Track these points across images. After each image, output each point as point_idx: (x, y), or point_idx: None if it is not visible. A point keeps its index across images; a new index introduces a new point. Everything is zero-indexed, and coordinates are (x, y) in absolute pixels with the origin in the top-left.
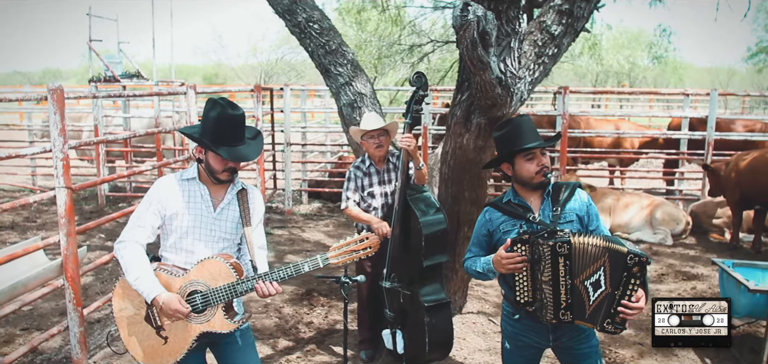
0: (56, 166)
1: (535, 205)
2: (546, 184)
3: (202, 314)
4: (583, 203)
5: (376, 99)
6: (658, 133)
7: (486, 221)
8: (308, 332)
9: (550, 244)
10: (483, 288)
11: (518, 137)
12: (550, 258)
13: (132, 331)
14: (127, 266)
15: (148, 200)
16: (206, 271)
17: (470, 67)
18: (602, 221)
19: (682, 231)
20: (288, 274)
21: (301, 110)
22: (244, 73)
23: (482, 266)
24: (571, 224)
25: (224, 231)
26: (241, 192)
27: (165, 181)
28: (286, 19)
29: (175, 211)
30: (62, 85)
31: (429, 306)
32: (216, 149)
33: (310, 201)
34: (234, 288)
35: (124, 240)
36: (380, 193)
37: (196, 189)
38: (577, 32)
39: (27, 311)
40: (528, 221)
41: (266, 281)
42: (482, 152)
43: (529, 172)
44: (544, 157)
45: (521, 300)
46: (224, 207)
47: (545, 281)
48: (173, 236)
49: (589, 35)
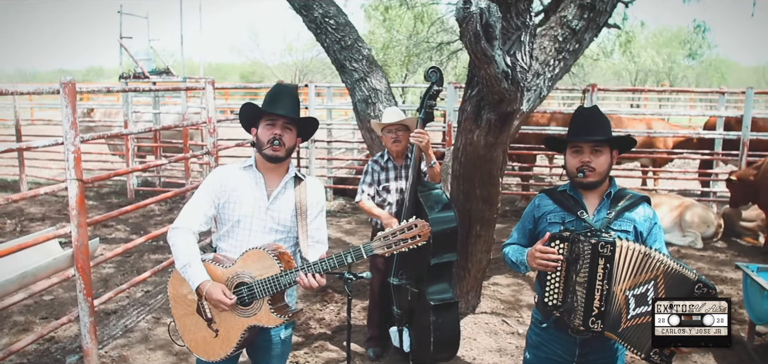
0: (68, 159)
1: (590, 205)
2: (585, 184)
3: (250, 307)
4: (647, 218)
5: (391, 95)
6: (691, 133)
7: (534, 207)
8: (319, 329)
9: (592, 242)
10: (497, 287)
11: (573, 128)
12: (589, 257)
13: (185, 323)
14: (177, 253)
15: (204, 187)
16: (250, 261)
17: (474, 60)
18: (665, 246)
19: (713, 234)
20: (331, 266)
21: (326, 107)
22: (280, 72)
23: (517, 256)
24: (626, 234)
25: (277, 221)
26: (297, 181)
27: (222, 169)
28: (302, 15)
29: (228, 198)
30: (74, 80)
31: (435, 305)
32: (264, 110)
33: (334, 198)
34: (277, 280)
35: (176, 227)
36: (396, 188)
37: (252, 177)
38: (600, 27)
39: (48, 301)
40: (577, 217)
41: (309, 273)
42: (493, 149)
43: (570, 167)
44: (596, 155)
45: (550, 302)
46: (278, 195)
47: (580, 282)
48: (226, 225)
49: (621, 32)
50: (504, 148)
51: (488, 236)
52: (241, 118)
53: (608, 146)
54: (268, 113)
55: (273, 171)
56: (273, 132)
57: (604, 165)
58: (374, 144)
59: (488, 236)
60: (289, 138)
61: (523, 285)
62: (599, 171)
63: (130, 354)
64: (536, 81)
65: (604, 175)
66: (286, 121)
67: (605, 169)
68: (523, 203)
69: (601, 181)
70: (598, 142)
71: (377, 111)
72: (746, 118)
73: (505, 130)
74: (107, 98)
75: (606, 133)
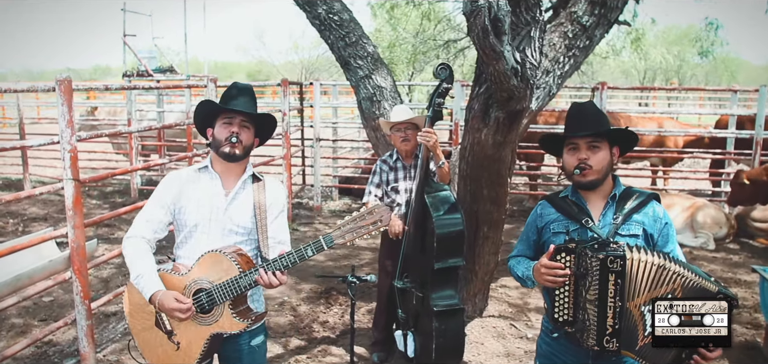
0: (64, 158)
1: (595, 209)
2: (584, 184)
3: (210, 314)
4: (657, 219)
5: (396, 93)
6: (703, 132)
7: (537, 216)
8: (322, 332)
9: (600, 257)
10: (505, 290)
11: (568, 125)
12: (598, 274)
13: (145, 338)
14: (130, 263)
15: (157, 193)
16: (207, 266)
17: (482, 56)
18: (679, 248)
19: (726, 235)
20: (291, 261)
21: (332, 106)
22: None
23: (523, 271)
24: (635, 239)
25: (236, 223)
26: (256, 181)
27: (175, 172)
28: (306, 11)
29: (184, 203)
30: (70, 77)
31: (438, 312)
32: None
33: (340, 197)
34: (237, 282)
35: (129, 235)
36: (405, 189)
37: (208, 178)
38: (611, 23)
39: (47, 303)
40: (582, 225)
41: (269, 271)
42: (501, 148)
43: (568, 166)
44: (594, 151)
45: (560, 318)
46: (236, 195)
47: (590, 299)
48: (184, 231)
49: (632, 29)
50: (512, 148)
51: (496, 237)
52: (196, 119)
53: (607, 142)
54: (225, 111)
55: (230, 171)
56: (230, 129)
57: (603, 162)
58: (379, 143)
59: (496, 237)
60: (247, 136)
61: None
62: (597, 168)
63: (129, 358)
64: (546, 78)
65: (603, 174)
66: (244, 119)
67: (604, 167)
68: (530, 203)
69: (600, 179)
70: (595, 138)
71: (382, 109)
72: (760, 116)
73: (514, 128)
74: (112, 97)
75: (601, 127)
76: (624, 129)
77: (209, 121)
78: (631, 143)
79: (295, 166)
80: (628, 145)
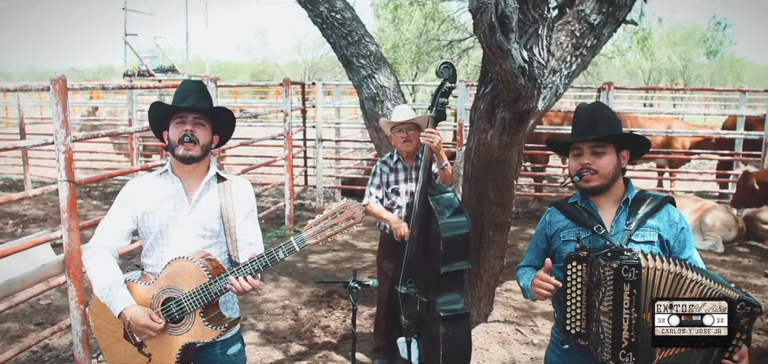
0: (58, 159)
1: (606, 214)
2: (587, 189)
3: (181, 324)
4: (673, 223)
5: (400, 93)
6: (710, 133)
7: (546, 224)
8: (323, 337)
9: (614, 266)
10: (510, 294)
11: (573, 128)
12: (612, 283)
13: (114, 352)
14: (93, 278)
15: (119, 201)
16: (175, 273)
17: (489, 55)
18: (697, 253)
19: (735, 238)
20: (263, 264)
21: (335, 106)
22: (290, 71)
23: (525, 282)
24: (650, 245)
25: (203, 226)
26: (221, 181)
27: (136, 179)
28: (308, 10)
29: (146, 210)
30: (65, 77)
31: (445, 317)
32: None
33: (343, 198)
34: (207, 289)
35: (91, 247)
36: (406, 191)
37: (169, 183)
38: (619, 22)
39: (44, 306)
40: (594, 232)
41: (240, 276)
42: (507, 149)
43: (572, 171)
44: (598, 156)
45: (572, 330)
46: (200, 197)
47: (604, 311)
48: (149, 238)
49: (638, 29)
50: (519, 149)
51: (502, 241)
52: (151, 122)
53: (613, 146)
54: (177, 111)
55: (191, 173)
56: (184, 129)
57: (608, 167)
58: (382, 144)
59: (502, 241)
60: (203, 135)
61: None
62: (602, 174)
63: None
64: (552, 78)
65: (608, 179)
66: (197, 116)
67: (609, 172)
68: (536, 205)
69: (605, 185)
70: (598, 142)
71: (385, 109)
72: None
73: (521, 129)
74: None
75: (607, 130)
76: (630, 134)
77: (164, 123)
78: (642, 147)
79: (297, 167)
80: (639, 149)
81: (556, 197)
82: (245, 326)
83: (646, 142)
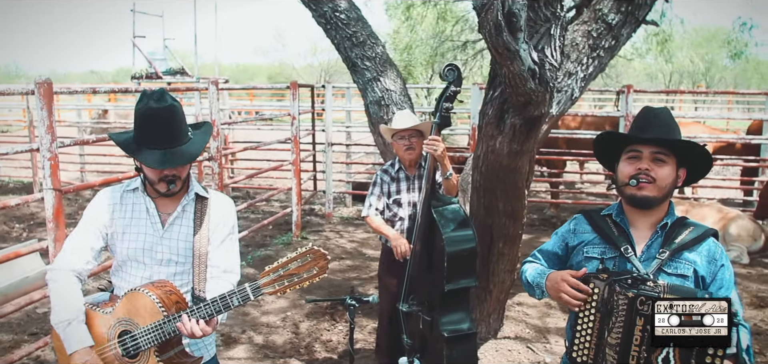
0: (43, 166)
1: (640, 236)
2: (638, 198)
3: (137, 360)
4: (712, 259)
5: (406, 96)
6: (734, 138)
7: (568, 232)
8: (323, 352)
9: (629, 295)
10: (522, 308)
11: (634, 127)
12: (624, 314)
13: None
14: (54, 303)
15: (87, 217)
16: (132, 305)
17: (495, 55)
18: (737, 296)
19: (762, 248)
20: (216, 309)
21: (345, 109)
22: (307, 73)
23: (534, 276)
24: (683, 280)
25: (175, 252)
26: (199, 200)
27: (105, 193)
28: (311, 9)
29: (116, 230)
30: (50, 80)
31: (449, 337)
32: (138, 156)
33: (353, 203)
34: (161, 328)
35: (55, 268)
36: (408, 201)
37: (141, 202)
38: (639, 22)
39: (40, 315)
40: (621, 253)
41: (192, 318)
42: (517, 157)
43: (622, 175)
44: (658, 165)
45: (578, 358)
46: (175, 220)
47: (611, 343)
48: (118, 259)
49: (659, 30)
50: (530, 157)
51: (512, 254)
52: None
53: (674, 158)
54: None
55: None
56: (162, 174)
57: (667, 179)
58: (387, 150)
59: (512, 254)
60: (184, 168)
61: (551, 306)
62: (659, 184)
63: None
64: (567, 81)
65: (663, 193)
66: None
67: (667, 185)
68: (552, 212)
69: (659, 198)
70: (663, 149)
71: (390, 113)
72: None
73: (532, 136)
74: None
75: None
76: (703, 147)
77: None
78: (701, 169)
79: (307, 171)
80: (697, 171)
81: (572, 204)
82: (242, 339)
83: (709, 162)
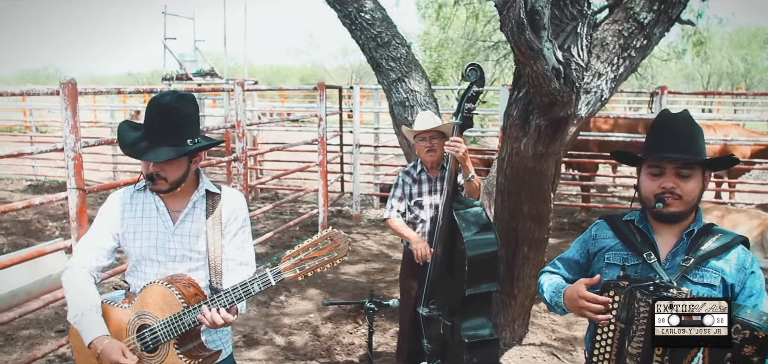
0: (68, 166)
1: (664, 243)
2: (665, 215)
3: (156, 354)
4: (742, 267)
5: (431, 97)
6: None
7: (589, 238)
8: (343, 356)
9: (650, 302)
10: (550, 315)
11: (653, 140)
12: (645, 323)
13: None
14: (69, 299)
15: (101, 216)
16: (151, 299)
17: (518, 55)
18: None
19: None
20: (237, 296)
21: (373, 111)
22: (339, 75)
23: (551, 291)
24: (709, 289)
25: (188, 248)
26: (209, 196)
27: (117, 194)
28: (336, 9)
29: (127, 229)
30: (75, 80)
31: (470, 343)
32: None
33: (381, 205)
34: (180, 319)
35: (70, 266)
36: (430, 204)
37: (151, 201)
38: (672, 21)
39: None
40: (644, 260)
41: (213, 308)
42: (543, 160)
43: (646, 192)
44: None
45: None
46: (186, 217)
47: (632, 354)
48: (132, 259)
49: (695, 30)
50: (557, 159)
51: (538, 258)
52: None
53: (700, 168)
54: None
55: (175, 194)
56: (146, 170)
57: (694, 192)
58: (411, 152)
59: (538, 258)
60: (172, 170)
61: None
62: (686, 199)
63: None
64: (597, 82)
65: (691, 206)
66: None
67: (694, 198)
68: (583, 215)
69: (686, 212)
70: (688, 164)
71: (415, 115)
72: None
73: (558, 138)
74: None
75: (698, 152)
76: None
77: None
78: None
79: (334, 173)
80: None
81: (604, 208)
82: (263, 340)
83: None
